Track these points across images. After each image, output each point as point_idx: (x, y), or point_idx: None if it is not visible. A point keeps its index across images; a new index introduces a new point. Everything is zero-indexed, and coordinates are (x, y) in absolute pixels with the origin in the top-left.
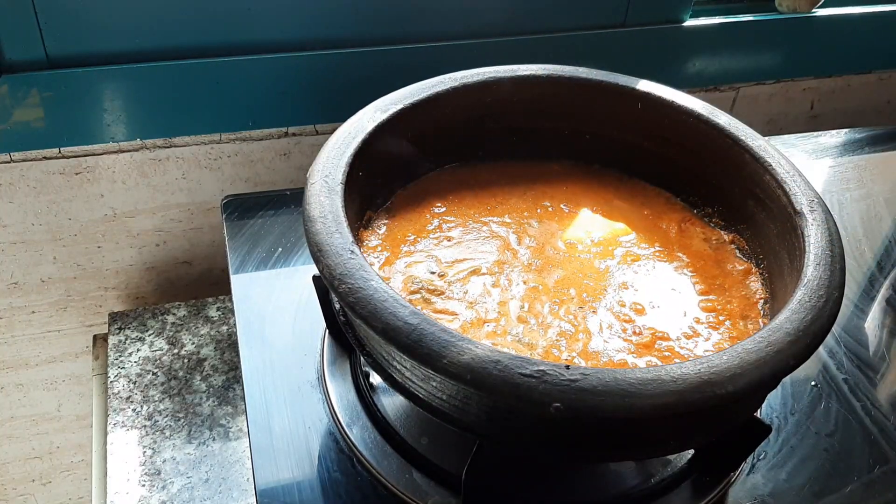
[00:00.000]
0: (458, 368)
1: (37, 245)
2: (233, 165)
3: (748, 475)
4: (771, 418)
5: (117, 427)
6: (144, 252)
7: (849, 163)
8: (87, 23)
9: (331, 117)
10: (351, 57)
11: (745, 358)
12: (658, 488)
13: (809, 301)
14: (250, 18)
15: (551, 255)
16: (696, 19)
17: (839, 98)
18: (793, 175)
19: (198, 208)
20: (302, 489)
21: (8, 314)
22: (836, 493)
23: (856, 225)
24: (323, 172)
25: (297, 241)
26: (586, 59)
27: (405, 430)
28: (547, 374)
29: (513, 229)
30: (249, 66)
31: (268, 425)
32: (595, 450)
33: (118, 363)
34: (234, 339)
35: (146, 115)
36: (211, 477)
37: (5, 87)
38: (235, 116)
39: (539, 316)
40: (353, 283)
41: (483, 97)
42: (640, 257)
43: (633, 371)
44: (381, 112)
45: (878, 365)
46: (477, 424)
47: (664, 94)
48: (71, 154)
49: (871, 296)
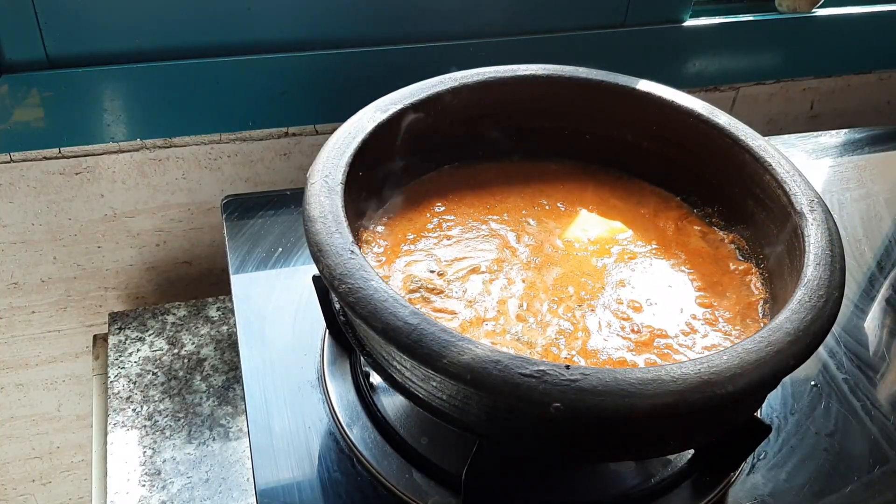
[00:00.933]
0: (458, 368)
1: (37, 245)
2: (233, 165)
3: (748, 475)
4: (771, 418)
5: (117, 427)
6: (144, 252)
7: (849, 163)
8: (87, 23)
9: (331, 117)
10: (351, 57)
11: (745, 358)
12: (658, 488)
13: (809, 301)
14: (250, 18)
15: (550, 253)
16: (696, 19)
17: (839, 98)
18: (793, 175)
19: (198, 208)
20: (302, 489)
21: (8, 314)
22: (837, 493)
23: (856, 225)
24: (323, 172)
25: (297, 241)
26: (586, 59)
27: (405, 430)
28: (547, 374)
29: (511, 228)
30: (249, 66)
31: (268, 425)
32: (595, 450)
33: (118, 363)
34: (234, 339)
35: (146, 115)
36: (211, 477)
37: (5, 87)
38: (235, 116)
39: (538, 314)
40: (353, 283)
41: (483, 97)
42: (637, 255)
43: (633, 371)
44: (381, 112)
45: (878, 365)
46: (477, 424)
47: (664, 94)
48: (71, 154)
49: (871, 296)
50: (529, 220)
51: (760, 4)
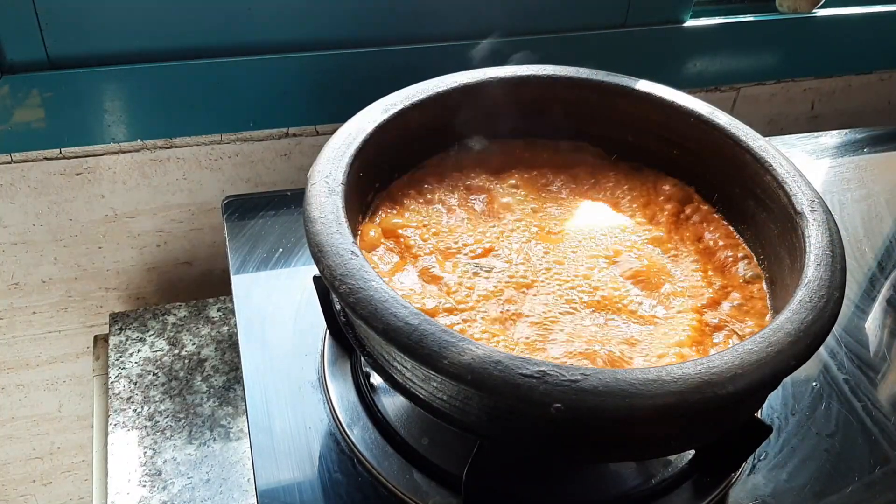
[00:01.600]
0: (458, 369)
1: (37, 246)
2: (233, 166)
3: (749, 476)
4: (772, 419)
5: (118, 427)
6: (145, 252)
7: (849, 163)
8: (87, 23)
9: (331, 118)
10: (352, 57)
11: (746, 358)
12: (659, 489)
13: (810, 301)
14: (250, 19)
15: (550, 244)
16: (697, 19)
17: (840, 98)
18: (793, 175)
19: (198, 209)
20: (303, 490)
21: (9, 315)
22: (837, 493)
23: (856, 225)
24: (323, 173)
25: (298, 241)
26: (586, 59)
27: (406, 430)
28: (547, 374)
29: (512, 228)
30: (250, 67)
31: (268, 426)
32: (596, 450)
33: (119, 364)
34: (234, 339)
35: (147, 115)
36: (212, 477)
37: (6, 88)
38: (236, 117)
39: (539, 297)
40: (354, 284)
41: (483, 97)
42: (636, 246)
43: (633, 371)
44: (381, 113)
45: (878, 365)
46: (477, 425)
47: (665, 94)
48: (72, 154)
49: (872, 296)
50: (532, 225)
51: (761, 5)
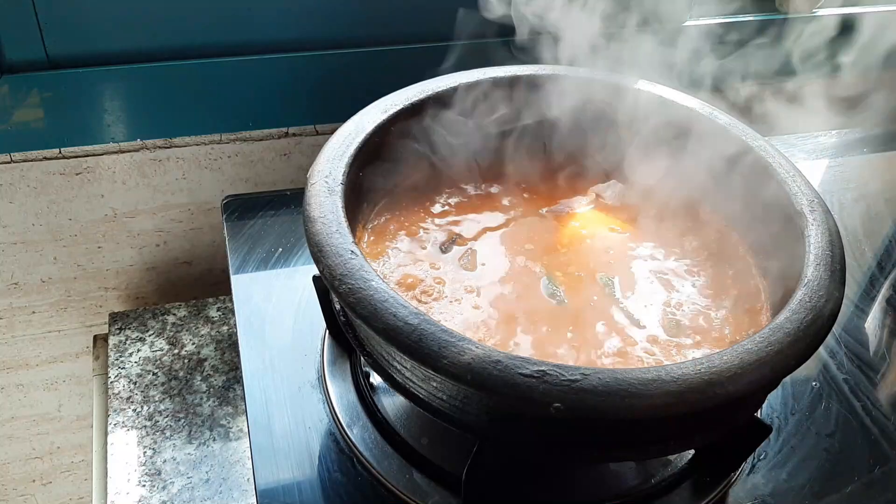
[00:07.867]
0: (458, 369)
1: (37, 245)
2: (233, 166)
3: (748, 475)
4: (771, 418)
5: (118, 427)
6: (145, 252)
7: (849, 163)
8: (87, 23)
9: (331, 117)
10: (351, 57)
11: (746, 358)
12: (658, 488)
13: (810, 301)
14: (250, 18)
15: (550, 243)
16: (697, 19)
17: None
18: (793, 175)
19: (198, 208)
20: (302, 489)
21: (8, 314)
22: (837, 493)
23: (856, 225)
24: (323, 173)
25: (298, 241)
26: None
27: (405, 430)
28: (547, 374)
29: (514, 226)
30: (249, 67)
31: (268, 425)
32: (595, 450)
33: (118, 363)
34: (234, 339)
35: (146, 115)
36: (211, 477)
37: (6, 88)
38: (236, 117)
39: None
40: (354, 284)
41: (483, 97)
42: (637, 248)
43: (633, 371)
44: (381, 112)
45: (878, 365)
46: (477, 425)
47: (664, 94)
48: (71, 154)
49: (872, 296)
50: (529, 217)
51: (760, 4)
